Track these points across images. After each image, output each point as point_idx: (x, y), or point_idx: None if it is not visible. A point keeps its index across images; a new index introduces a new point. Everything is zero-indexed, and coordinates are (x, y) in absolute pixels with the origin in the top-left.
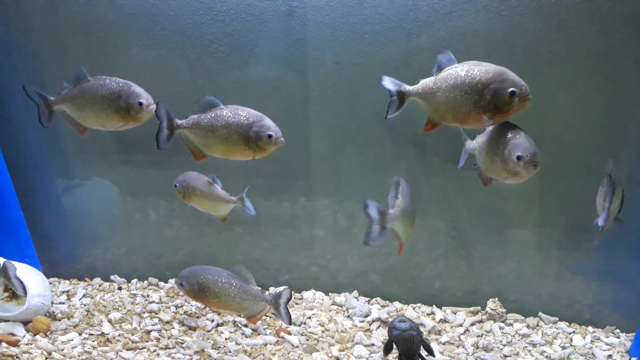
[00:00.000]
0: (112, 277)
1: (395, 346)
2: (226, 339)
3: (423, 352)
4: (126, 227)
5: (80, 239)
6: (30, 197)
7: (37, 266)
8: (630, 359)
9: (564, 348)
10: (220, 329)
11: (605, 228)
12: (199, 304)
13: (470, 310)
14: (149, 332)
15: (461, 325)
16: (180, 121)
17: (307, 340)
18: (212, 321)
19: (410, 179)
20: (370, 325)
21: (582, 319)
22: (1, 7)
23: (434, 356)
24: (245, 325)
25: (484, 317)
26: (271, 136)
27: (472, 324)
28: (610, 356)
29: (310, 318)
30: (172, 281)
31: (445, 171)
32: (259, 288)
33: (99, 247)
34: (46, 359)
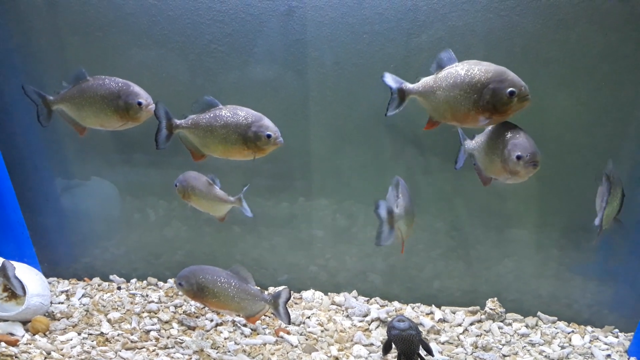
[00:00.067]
0: (111, 276)
1: (394, 346)
2: (225, 338)
3: (422, 351)
4: (125, 227)
5: (80, 239)
6: (30, 197)
7: (36, 266)
8: (629, 359)
9: (563, 348)
10: (219, 328)
11: (604, 228)
12: (198, 303)
13: (469, 310)
14: (148, 332)
15: (460, 325)
16: (179, 121)
17: (306, 339)
18: (211, 321)
19: (410, 179)
20: (370, 325)
21: (581, 319)
22: (0, 7)
23: (432, 356)
24: (245, 325)
25: (483, 316)
26: (270, 136)
27: (471, 324)
28: (609, 356)
29: (309, 318)
30: (171, 281)
31: (445, 171)
32: (258, 288)
33: (98, 247)
34: (45, 358)
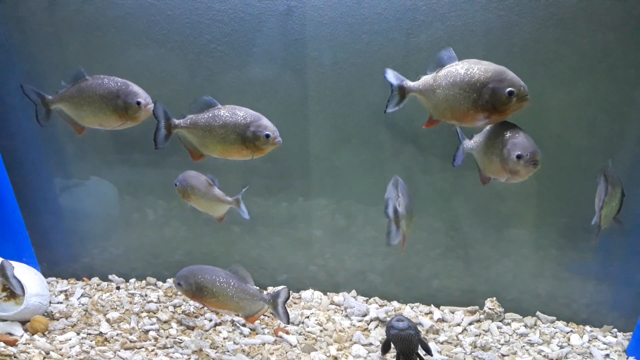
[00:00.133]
0: (110, 276)
1: (393, 345)
2: (224, 338)
3: (421, 351)
4: (124, 227)
5: (79, 239)
6: (28, 197)
7: (35, 265)
8: (627, 358)
9: (562, 347)
10: (218, 328)
11: (603, 228)
12: (197, 303)
13: (468, 309)
14: (147, 332)
15: (459, 325)
16: (177, 121)
17: (305, 339)
18: (210, 321)
19: (408, 179)
20: (369, 324)
21: (580, 319)
22: None
23: (431, 355)
24: (244, 325)
25: (482, 316)
26: (269, 136)
27: (470, 324)
28: (608, 355)
29: (308, 317)
30: (170, 281)
31: (444, 171)
32: (257, 287)
33: (97, 247)
34: (44, 358)
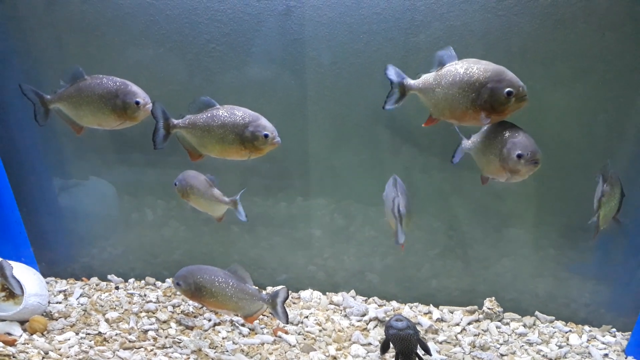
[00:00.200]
0: (109, 276)
1: (392, 345)
2: (223, 338)
3: (420, 351)
4: (123, 227)
5: (77, 239)
6: (27, 197)
7: (34, 265)
8: (626, 358)
9: (561, 347)
10: (217, 328)
11: (602, 227)
12: (196, 303)
13: (467, 309)
14: (146, 332)
15: (458, 325)
16: (176, 121)
17: (305, 339)
18: (210, 320)
19: (407, 179)
20: (368, 324)
21: (579, 318)
22: None
23: (430, 355)
24: (243, 325)
25: (481, 316)
26: (267, 136)
27: (469, 323)
28: (607, 355)
29: (307, 317)
30: (169, 281)
31: (443, 171)
32: (256, 287)
33: (96, 247)
34: (43, 358)
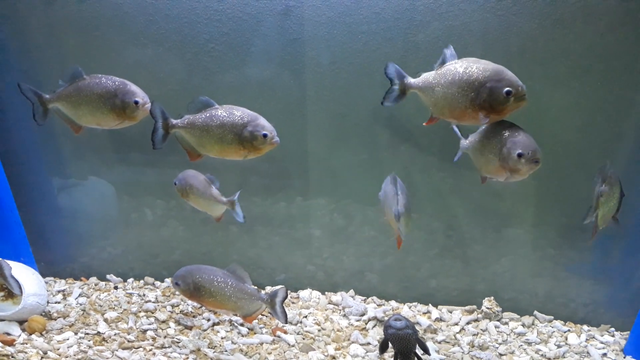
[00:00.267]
0: (108, 276)
1: (391, 345)
2: (222, 338)
3: (419, 350)
4: (122, 227)
5: (76, 238)
6: (26, 196)
7: (32, 265)
8: (625, 357)
9: (559, 347)
10: (216, 328)
11: (601, 227)
12: (195, 303)
13: (466, 309)
14: (145, 332)
15: (457, 324)
16: (175, 121)
17: (303, 339)
18: (208, 320)
19: (406, 179)
20: (367, 324)
21: (577, 318)
22: None
23: (429, 355)
24: (242, 325)
25: (480, 315)
26: (266, 136)
27: (468, 323)
28: (605, 354)
29: (306, 317)
30: (168, 280)
31: (441, 170)
32: (255, 287)
33: (95, 247)
34: (42, 358)
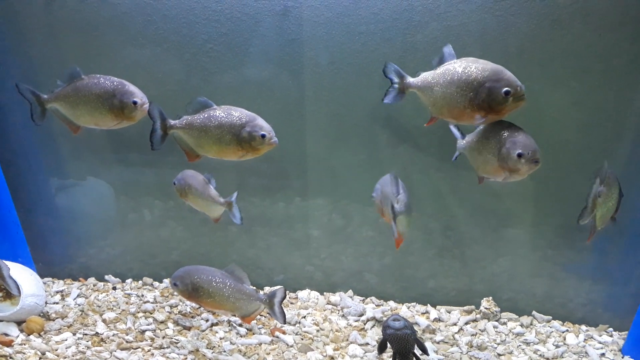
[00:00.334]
0: (106, 277)
1: (389, 345)
2: (221, 338)
3: (417, 351)
4: (120, 227)
5: (75, 239)
6: (24, 197)
7: (31, 266)
8: (623, 357)
9: (558, 347)
10: (214, 328)
11: (600, 228)
12: (194, 303)
13: (464, 309)
14: (143, 332)
15: (455, 324)
16: (173, 121)
17: (302, 339)
18: (207, 321)
19: (405, 179)
20: (365, 324)
21: (576, 318)
22: None
23: (428, 355)
24: (240, 325)
25: (478, 316)
26: (264, 136)
27: (466, 323)
28: (604, 354)
29: (304, 317)
30: (166, 281)
31: (440, 171)
32: (254, 287)
33: (93, 247)
34: (40, 359)
